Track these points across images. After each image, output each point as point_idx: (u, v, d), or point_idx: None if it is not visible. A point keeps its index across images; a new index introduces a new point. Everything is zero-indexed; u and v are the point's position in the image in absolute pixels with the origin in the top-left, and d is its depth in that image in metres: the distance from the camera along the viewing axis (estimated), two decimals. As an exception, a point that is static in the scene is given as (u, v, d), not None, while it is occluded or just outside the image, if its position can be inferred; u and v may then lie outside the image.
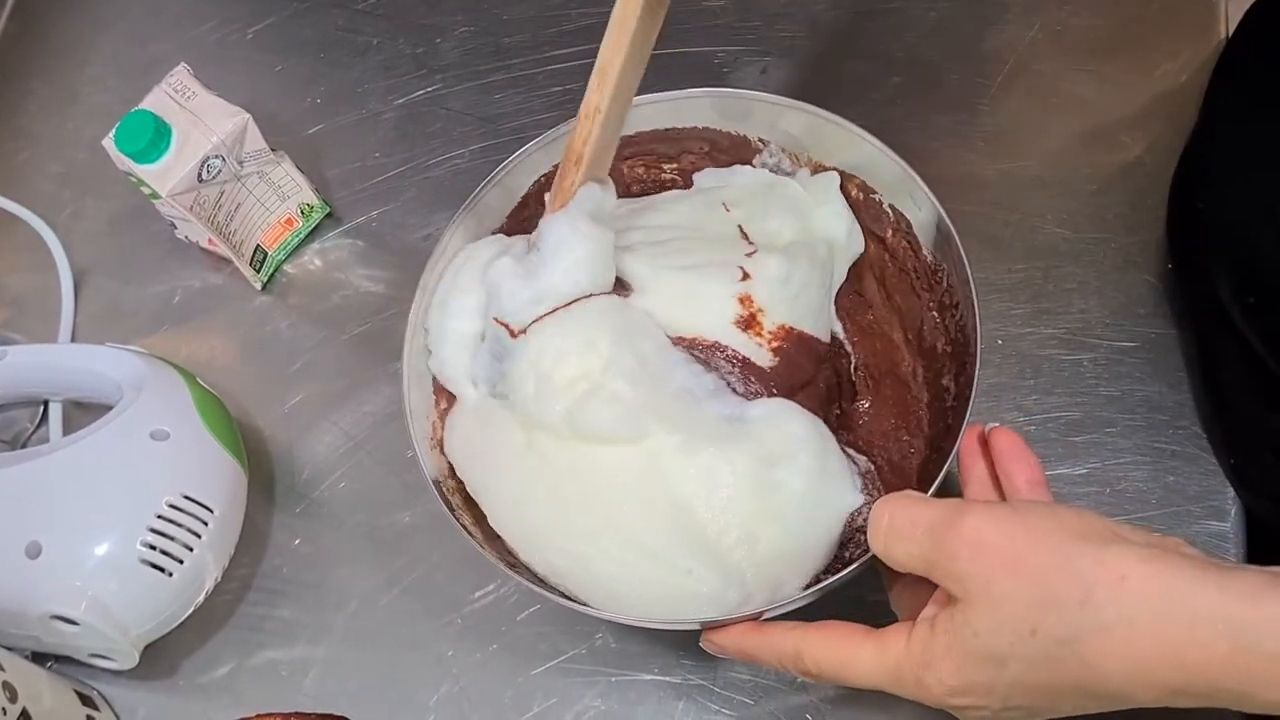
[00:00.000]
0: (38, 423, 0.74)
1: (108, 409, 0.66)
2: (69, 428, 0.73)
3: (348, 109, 0.81)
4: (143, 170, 0.68)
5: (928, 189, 0.59)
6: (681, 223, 0.62)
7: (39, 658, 0.65)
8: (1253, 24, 0.69)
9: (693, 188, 0.66)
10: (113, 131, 0.68)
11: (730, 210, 0.63)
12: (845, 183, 0.63)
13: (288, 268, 0.78)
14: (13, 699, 0.57)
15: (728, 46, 0.79)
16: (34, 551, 0.61)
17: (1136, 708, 0.42)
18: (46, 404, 0.74)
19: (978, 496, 0.53)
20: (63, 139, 0.83)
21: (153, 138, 0.67)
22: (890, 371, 0.63)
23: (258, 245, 0.75)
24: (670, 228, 0.62)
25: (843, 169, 0.63)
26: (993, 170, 0.73)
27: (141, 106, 0.68)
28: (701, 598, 0.52)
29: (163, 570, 0.62)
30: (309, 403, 0.73)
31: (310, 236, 0.78)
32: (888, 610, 0.53)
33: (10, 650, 0.60)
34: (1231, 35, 0.71)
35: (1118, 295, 0.69)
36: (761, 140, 0.65)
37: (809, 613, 0.52)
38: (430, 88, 0.81)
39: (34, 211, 0.79)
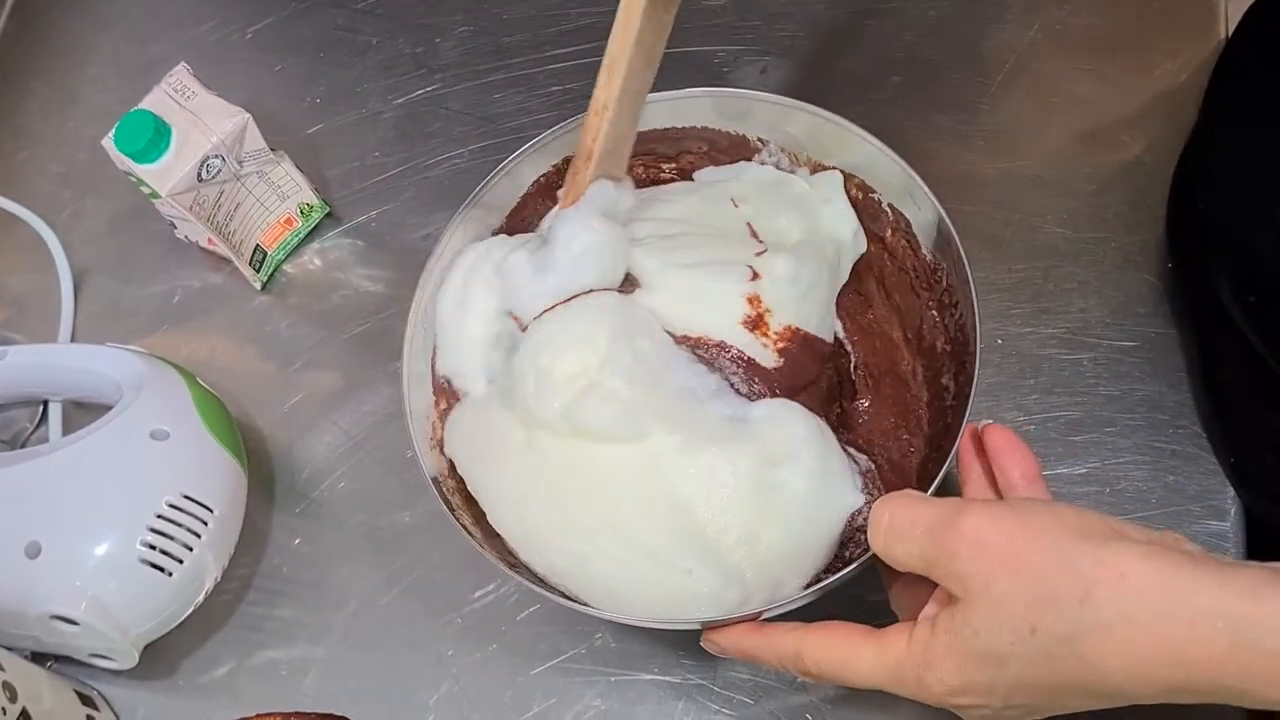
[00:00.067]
0: (37, 422, 0.74)
1: (107, 409, 0.66)
2: (69, 427, 0.73)
3: (347, 109, 0.81)
4: (142, 170, 0.68)
5: (927, 188, 0.59)
6: (690, 217, 0.62)
7: (39, 658, 0.65)
8: (1252, 24, 0.69)
9: (696, 181, 0.66)
10: (112, 131, 0.68)
11: (739, 206, 0.63)
12: (845, 182, 0.63)
13: (287, 267, 0.77)
14: (12, 699, 0.57)
15: (727, 46, 0.79)
16: (34, 551, 0.61)
17: (1137, 704, 0.42)
18: (46, 404, 0.74)
19: (976, 495, 0.53)
20: (62, 139, 0.83)
21: (152, 137, 0.67)
22: (890, 370, 0.63)
23: (257, 245, 0.75)
24: (678, 221, 0.62)
25: (842, 168, 0.63)
26: (992, 170, 0.73)
27: (141, 106, 0.68)
28: (701, 598, 0.52)
29: (162, 570, 0.62)
30: (309, 402, 0.73)
31: (310, 236, 0.78)
32: (888, 610, 0.52)
33: (10, 650, 0.60)
34: (1231, 35, 0.71)
35: (1117, 295, 0.69)
36: (761, 140, 0.65)
37: (809, 612, 0.52)
38: (430, 87, 0.81)
39: (34, 211, 0.79)
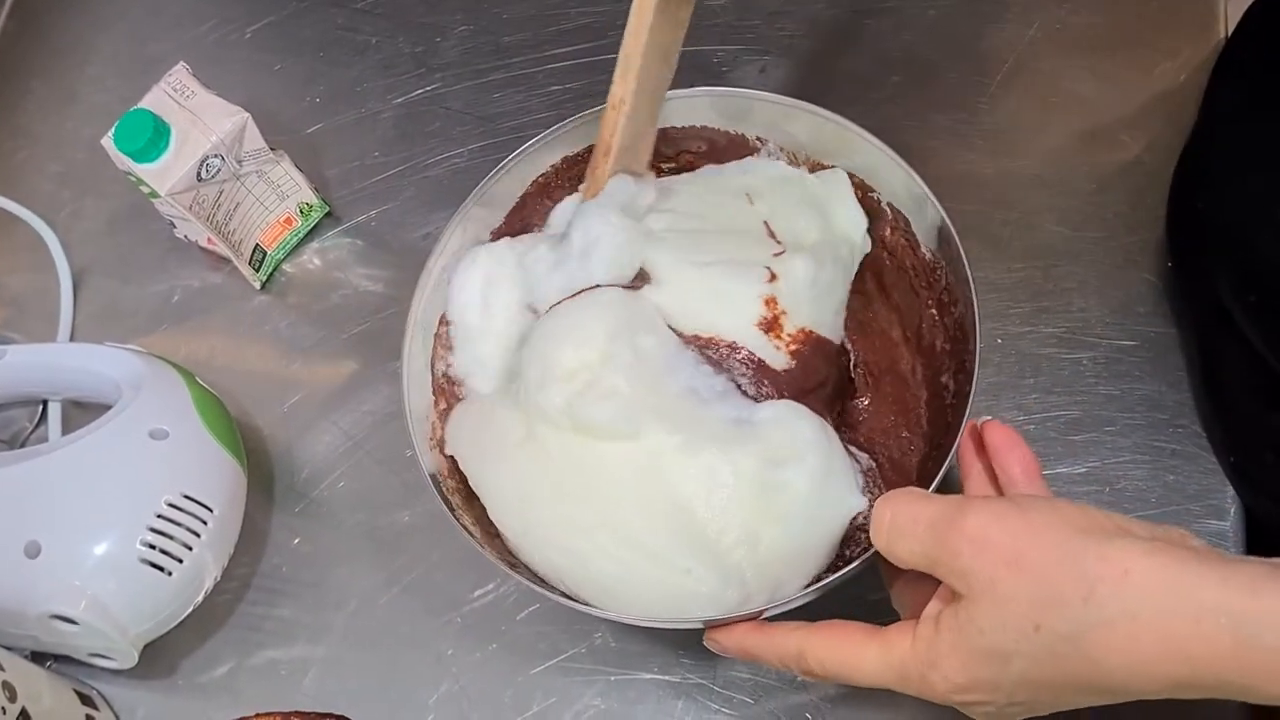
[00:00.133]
0: (37, 422, 0.74)
1: (107, 408, 0.66)
2: (68, 427, 0.73)
3: (347, 108, 0.81)
4: (142, 169, 0.68)
5: (926, 188, 0.59)
6: (706, 212, 0.62)
7: (38, 657, 0.65)
8: (1252, 23, 0.69)
9: (709, 171, 0.66)
10: (112, 130, 0.68)
11: (754, 203, 0.62)
12: (846, 181, 0.63)
13: (287, 267, 0.77)
14: (12, 698, 0.57)
15: (726, 45, 0.79)
16: (33, 551, 0.61)
17: (1140, 700, 0.42)
18: (45, 403, 0.74)
19: (977, 491, 0.53)
20: (62, 138, 0.83)
21: (152, 137, 0.67)
22: (890, 369, 0.63)
23: (257, 244, 0.75)
24: (694, 216, 0.61)
25: (841, 168, 0.63)
26: (992, 169, 0.73)
27: (141, 106, 0.68)
28: (701, 597, 0.52)
29: (162, 569, 0.62)
30: (308, 402, 0.73)
31: (309, 236, 0.78)
32: (889, 608, 0.52)
33: (9, 650, 0.60)
34: (1231, 34, 0.71)
35: (1117, 294, 0.69)
36: (760, 139, 0.65)
37: (810, 611, 0.52)
38: (429, 87, 0.81)
39: (33, 211, 0.79)
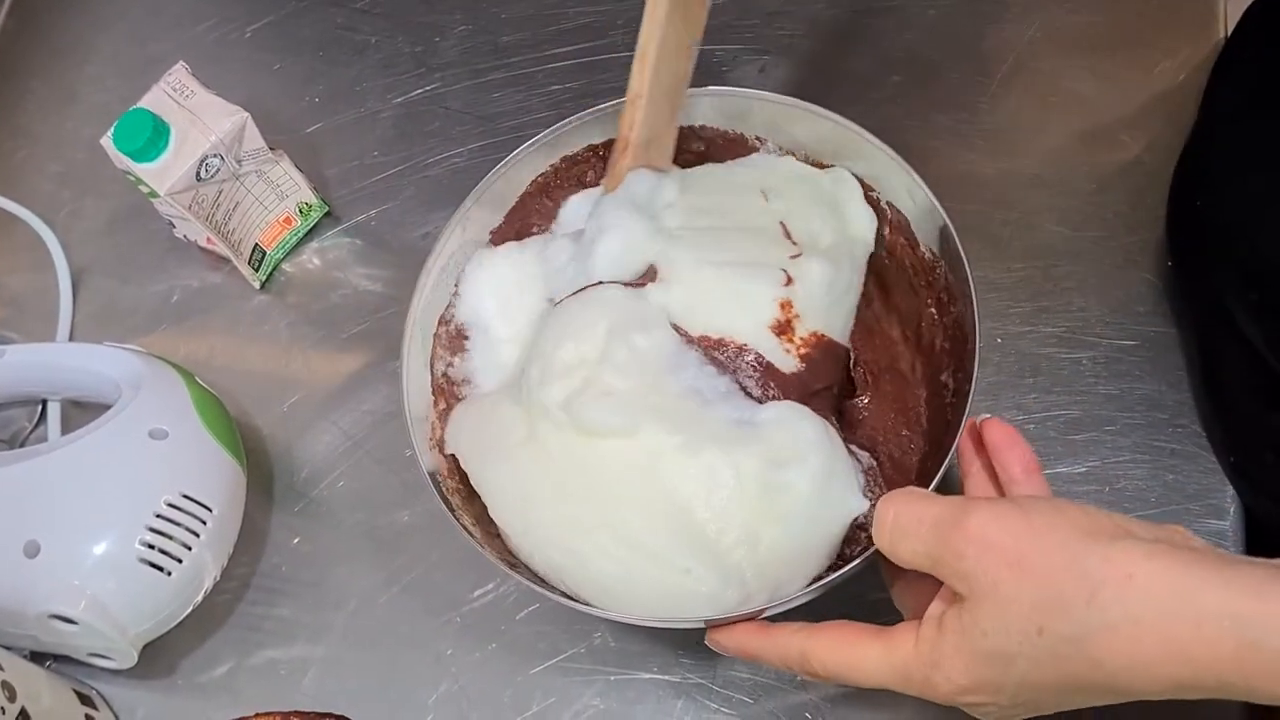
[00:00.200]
0: (36, 422, 0.74)
1: (106, 408, 0.66)
2: (67, 427, 0.73)
3: (346, 108, 0.81)
4: (141, 169, 0.68)
5: (926, 187, 0.59)
6: (721, 209, 0.61)
7: (37, 657, 0.65)
8: (1251, 23, 0.69)
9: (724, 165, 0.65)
10: (111, 130, 0.68)
11: (770, 201, 0.61)
12: (845, 181, 0.63)
13: (286, 266, 0.77)
14: (11, 698, 0.57)
15: (726, 45, 0.78)
16: (32, 551, 0.61)
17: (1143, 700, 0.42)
18: (45, 403, 0.74)
19: (977, 489, 0.53)
20: (61, 138, 0.83)
21: (151, 136, 0.67)
22: (889, 368, 0.63)
23: (256, 244, 0.75)
24: (709, 212, 0.61)
25: (841, 167, 0.63)
26: (992, 169, 0.73)
27: (140, 105, 0.68)
28: (700, 597, 0.52)
29: (161, 569, 0.62)
30: (308, 402, 0.73)
31: (309, 235, 0.78)
32: (888, 608, 0.52)
33: (9, 649, 0.60)
34: (1230, 34, 0.71)
35: (1117, 293, 0.69)
36: (759, 139, 0.65)
37: (810, 610, 0.52)
38: (429, 86, 0.81)
39: (32, 210, 0.79)
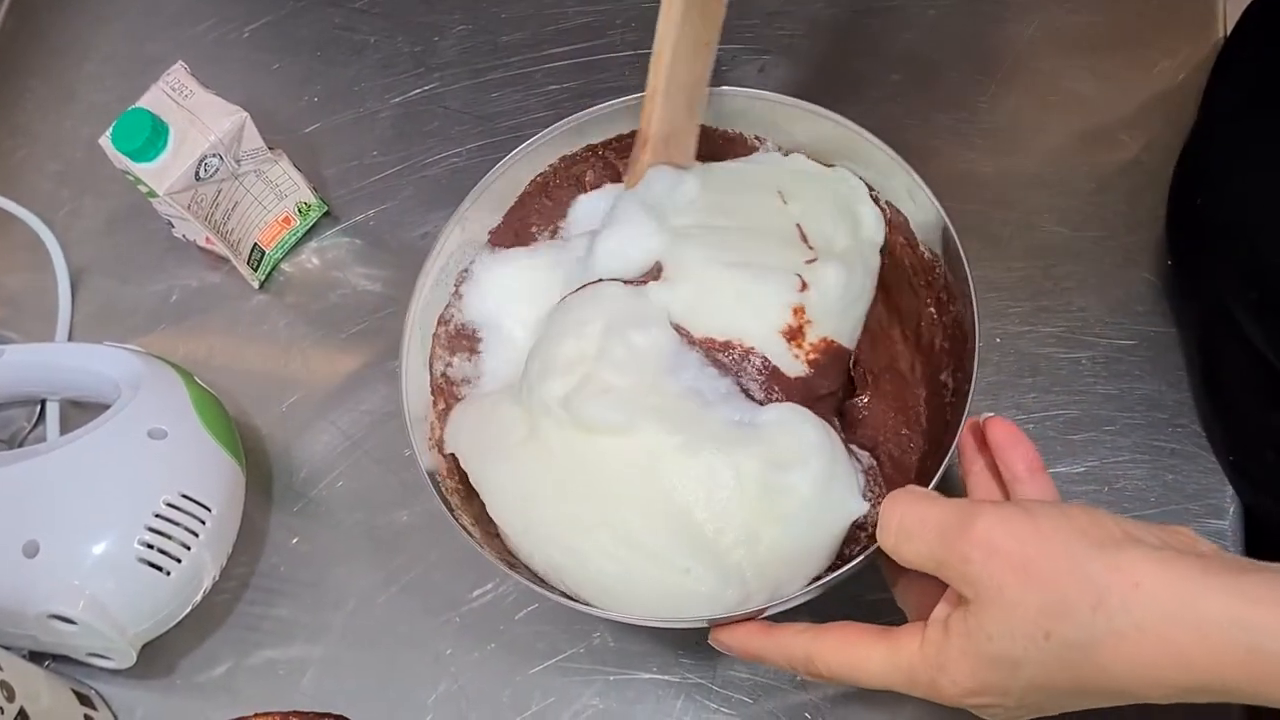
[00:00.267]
0: (35, 422, 0.74)
1: (105, 408, 0.66)
2: (66, 427, 0.73)
3: (345, 107, 0.81)
4: (140, 169, 0.68)
5: (925, 187, 0.59)
6: (737, 208, 0.61)
7: (36, 657, 0.65)
8: (1251, 22, 0.69)
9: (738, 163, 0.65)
10: (110, 130, 0.68)
11: (786, 202, 0.61)
12: (843, 181, 0.63)
13: (285, 266, 0.77)
14: (10, 698, 0.57)
15: (725, 44, 0.77)
16: (31, 550, 0.61)
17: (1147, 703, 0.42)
18: (44, 403, 0.74)
19: (979, 488, 0.53)
20: (60, 137, 0.83)
21: (150, 136, 0.67)
22: (889, 367, 0.62)
23: (255, 244, 0.75)
24: (724, 212, 0.60)
25: (840, 166, 0.63)
26: (991, 168, 0.73)
27: (139, 105, 0.68)
28: (700, 597, 0.52)
29: (160, 569, 0.62)
30: (306, 401, 0.73)
31: (308, 235, 0.78)
32: (888, 609, 0.52)
33: (8, 649, 0.60)
34: (1230, 33, 0.71)
35: (1117, 293, 0.69)
36: (758, 138, 0.65)
37: (810, 609, 0.52)
38: (428, 86, 0.81)
39: (31, 210, 0.79)
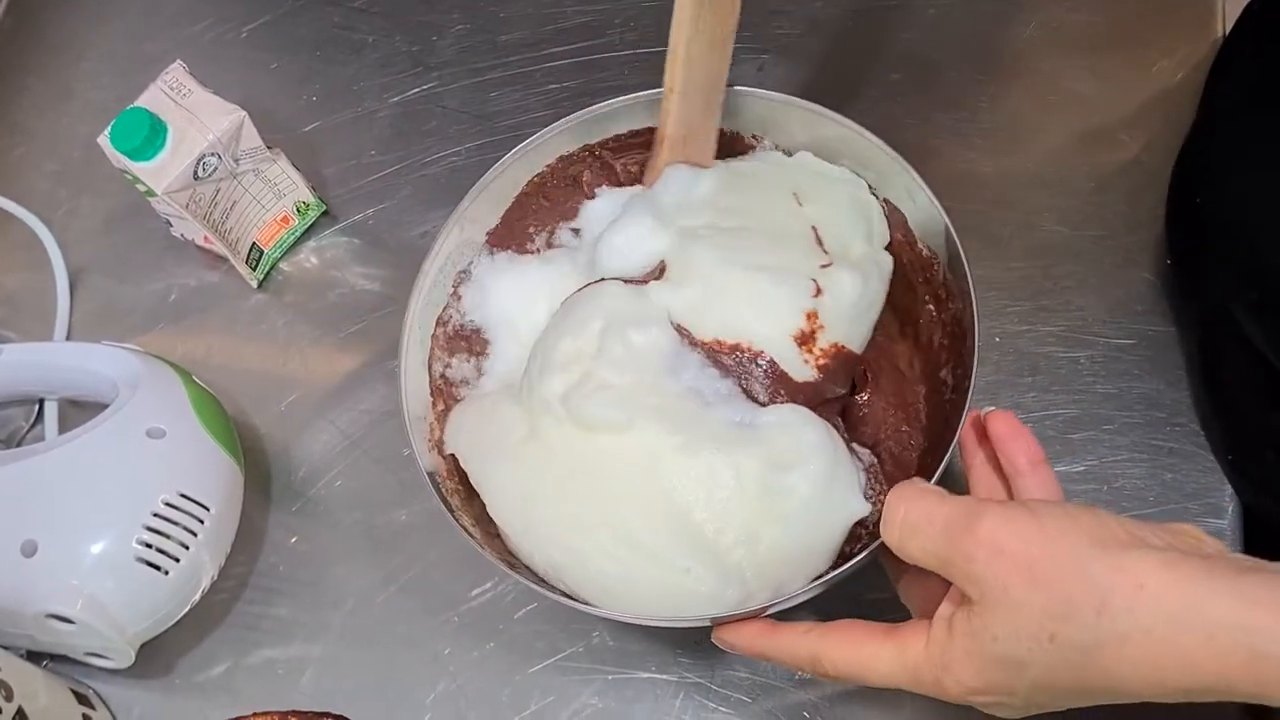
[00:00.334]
0: (33, 421, 0.74)
1: (103, 407, 0.66)
2: (65, 426, 0.73)
3: (344, 107, 0.81)
4: (138, 168, 0.68)
5: (925, 186, 0.59)
6: (752, 209, 0.60)
7: (34, 656, 0.65)
8: (1250, 21, 0.69)
9: (753, 156, 0.65)
10: (108, 129, 0.68)
11: (802, 205, 0.61)
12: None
13: (284, 266, 0.77)
14: (8, 698, 0.57)
15: (725, 44, 0.78)
16: (30, 550, 0.61)
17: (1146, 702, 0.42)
18: (42, 402, 0.74)
19: (981, 483, 0.53)
20: (58, 136, 0.83)
21: (148, 135, 0.67)
22: (889, 365, 0.62)
23: (254, 243, 0.75)
24: (738, 212, 0.60)
25: (840, 165, 0.63)
26: (991, 168, 0.73)
27: (137, 104, 0.68)
28: (700, 597, 0.52)
29: (159, 569, 0.62)
30: (305, 401, 0.73)
31: (306, 234, 0.78)
32: (889, 607, 0.52)
33: (6, 649, 0.60)
34: (1231, 31, 0.71)
35: (1116, 292, 0.69)
36: (755, 136, 0.64)
37: (810, 608, 0.52)
38: (426, 85, 0.81)
39: (29, 209, 0.79)
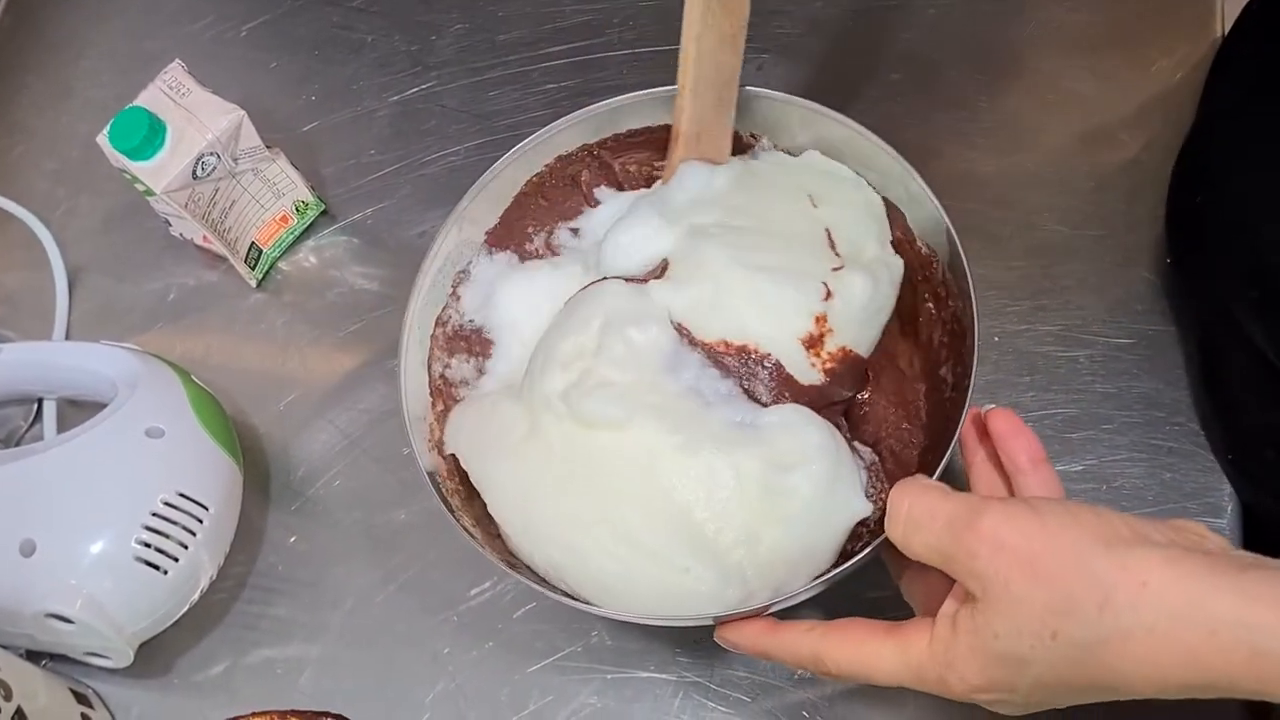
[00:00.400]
0: (32, 420, 0.74)
1: (102, 407, 0.66)
2: (63, 425, 0.73)
3: (343, 106, 0.81)
4: (137, 167, 0.68)
5: (925, 185, 0.59)
6: (763, 209, 0.60)
7: (34, 656, 0.65)
8: (1249, 21, 0.69)
9: (765, 156, 0.64)
10: (107, 128, 0.68)
11: (817, 206, 0.60)
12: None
13: (283, 265, 0.77)
14: (7, 697, 0.57)
15: (724, 43, 0.78)
16: (28, 549, 0.60)
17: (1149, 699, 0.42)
18: (41, 402, 0.74)
19: (982, 481, 0.53)
20: (57, 135, 0.83)
21: (147, 134, 0.67)
22: (889, 363, 0.62)
23: (252, 243, 0.75)
24: (752, 211, 0.60)
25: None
26: (992, 167, 0.73)
27: (136, 103, 0.68)
28: (700, 596, 0.52)
29: (158, 568, 0.62)
30: (304, 400, 0.73)
31: (305, 234, 0.78)
32: (889, 605, 0.52)
33: (5, 648, 0.60)
34: (1230, 29, 0.71)
35: (1115, 292, 0.69)
36: (754, 135, 0.64)
37: (810, 607, 0.52)
38: (425, 85, 0.81)
39: (28, 209, 0.79)
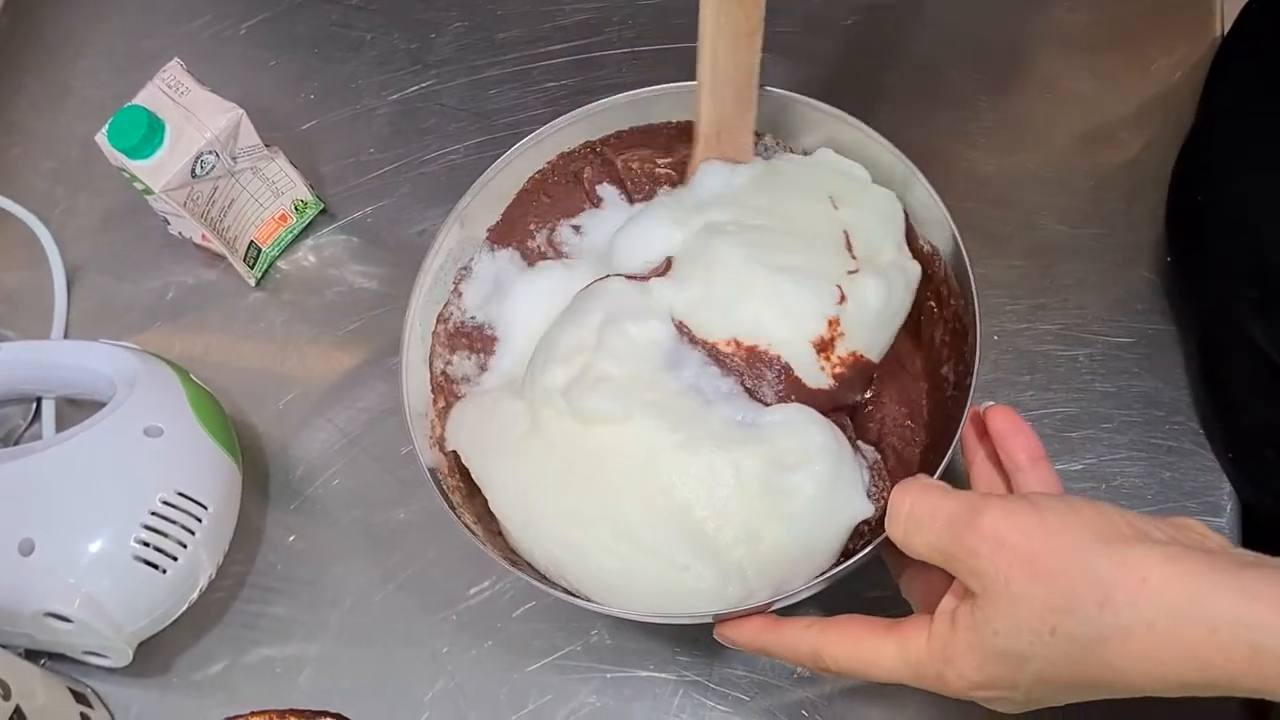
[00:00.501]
0: (30, 420, 0.74)
1: (101, 405, 0.66)
2: (62, 424, 0.73)
3: (342, 105, 0.81)
4: (136, 166, 0.67)
5: (926, 183, 0.59)
6: (780, 209, 0.59)
7: (32, 655, 0.65)
8: (1249, 20, 0.69)
9: (785, 159, 0.64)
10: (106, 127, 0.67)
11: (838, 207, 0.59)
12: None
13: (282, 264, 0.77)
14: (6, 696, 0.57)
15: (724, 42, 0.78)
16: (27, 549, 0.60)
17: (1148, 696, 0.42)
18: (39, 401, 0.74)
19: (982, 480, 0.53)
20: (55, 134, 0.83)
21: (146, 133, 0.66)
22: (893, 362, 0.62)
23: (251, 241, 0.75)
24: (770, 210, 0.59)
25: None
26: (992, 166, 0.73)
27: (135, 102, 0.68)
28: (700, 594, 0.52)
29: (156, 567, 0.62)
30: (303, 399, 0.73)
31: (304, 232, 0.77)
32: (889, 604, 0.52)
33: (4, 648, 0.60)
34: (1230, 29, 0.71)
35: (1115, 291, 0.69)
36: (756, 134, 0.64)
37: (810, 604, 0.52)
38: (425, 83, 0.81)
39: (27, 207, 0.78)
